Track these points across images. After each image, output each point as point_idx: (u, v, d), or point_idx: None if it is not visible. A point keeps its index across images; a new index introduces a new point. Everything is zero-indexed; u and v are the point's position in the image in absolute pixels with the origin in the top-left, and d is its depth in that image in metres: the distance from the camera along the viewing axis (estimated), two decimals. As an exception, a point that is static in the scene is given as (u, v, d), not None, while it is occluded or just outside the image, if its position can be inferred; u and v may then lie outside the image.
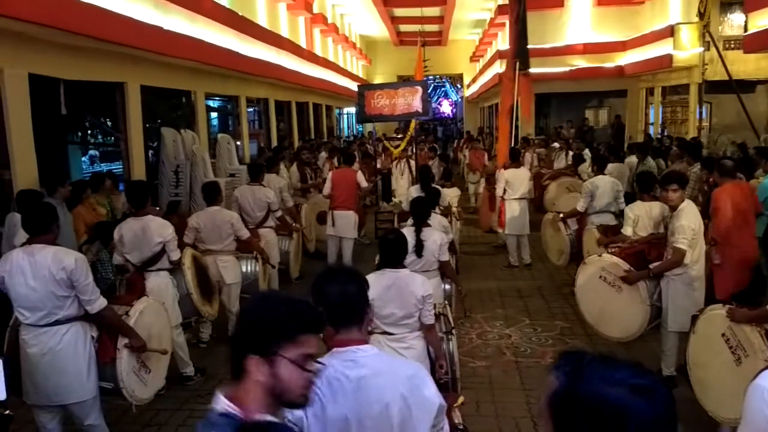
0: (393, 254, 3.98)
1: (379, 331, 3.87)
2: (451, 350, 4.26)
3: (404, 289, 3.82)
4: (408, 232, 4.92)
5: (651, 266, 5.25)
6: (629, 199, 7.21)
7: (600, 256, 5.78)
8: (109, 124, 11.38)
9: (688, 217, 5.03)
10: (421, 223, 5.17)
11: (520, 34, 11.19)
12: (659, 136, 15.61)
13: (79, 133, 12.89)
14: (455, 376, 4.26)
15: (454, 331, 4.49)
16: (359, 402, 2.05)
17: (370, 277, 3.82)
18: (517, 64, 11.00)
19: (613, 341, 5.79)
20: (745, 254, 6.00)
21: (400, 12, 24.10)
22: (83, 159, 13.23)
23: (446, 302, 5.09)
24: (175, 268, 5.47)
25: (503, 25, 21.34)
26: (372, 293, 3.80)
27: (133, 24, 7.26)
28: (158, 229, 5.23)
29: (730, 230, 5.87)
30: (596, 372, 1.25)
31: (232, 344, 1.69)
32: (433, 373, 3.94)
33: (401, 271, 3.90)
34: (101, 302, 3.90)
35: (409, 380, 2.12)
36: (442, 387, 4.02)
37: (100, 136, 13.75)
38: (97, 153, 14.38)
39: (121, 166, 9.40)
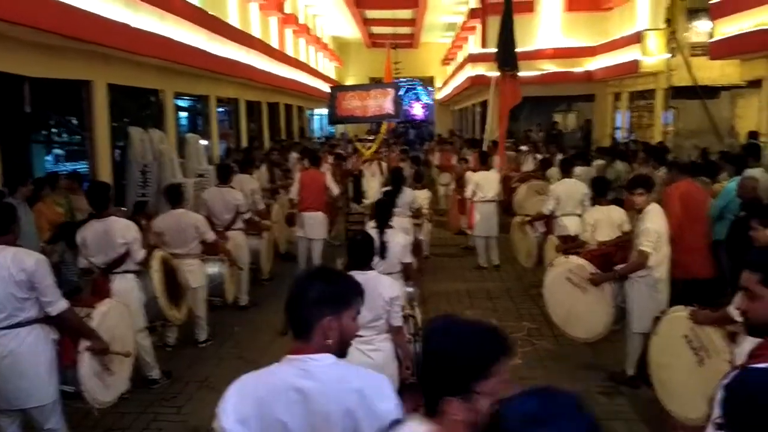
0: (361, 256, 3.98)
1: None
2: (418, 352, 4.26)
3: (372, 291, 3.80)
4: (371, 233, 4.92)
5: (616, 268, 5.34)
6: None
7: (567, 257, 5.86)
8: (74, 122, 11.17)
9: (653, 220, 5.12)
10: (383, 225, 5.15)
11: (502, 36, 11.36)
12: (626, 140, 15.86)
13: (44, 132, 12.63)
14: None
15: (422, 333, 4.50)
16: (300, 413, 1.99)
17: None
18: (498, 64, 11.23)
19: (578, 342, 5.88)
20: (697, 248, 6.18)
21: (372, 14, 24.15)
22: (47, 158, 12.96)
23: (415, 304, 5.10)
24: (143, 271, 5.39)
25: (475, 28, 21.53)
26: None
27: (100, 21, 7.15)
28: (121, 230, 5.14)
29: (683, 226, 6.04)
30: (515, 400, 1.30)
31: (423, 384, 1.64)
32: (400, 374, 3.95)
33: (369, 273, 3.89)
34: (62, 304, 3.82)
35: (359, 392, 2.00)
36: (408, 388, 4.03)
37: (65, 135, 13.48)
38: (62, 152, 14.09)
39: (86, 166, 9.24)
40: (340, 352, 2.08)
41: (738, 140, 12.28)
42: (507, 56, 11.30)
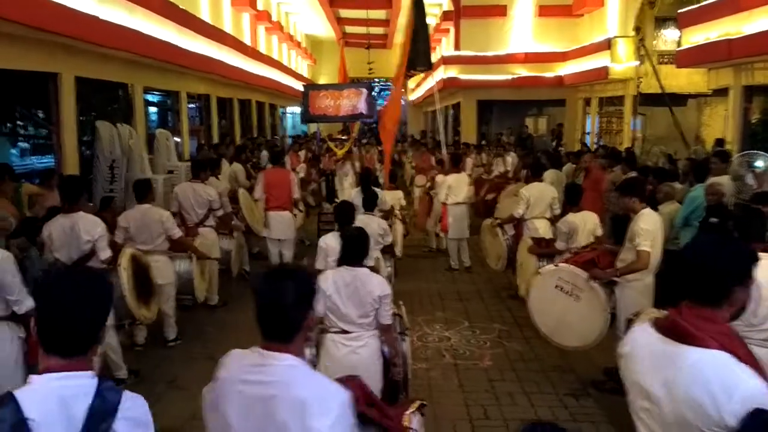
0: (354, 251, 3.96)
1: (335, 330, 3.90)
2: (404, 350, 4.28)
3: (361, 289, 3.84)
4: (333, 236, 4.92)
5: (618, 267, 5.23)
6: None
7: (556, 266, 5.73)
8: (41, 115, 10.91)
9: (647, 221, 5.06)
10: (345, 227, 5.13)
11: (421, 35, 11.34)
12: (595, 146, 16.06)
13: (9, 124, 12.33)
14: (407, 377, 4.28)
15: (408, 332, 4.50)
16: (242, 412, 2.05)
17: (329, 273, 3.90)
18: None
19: (550, 346, 5.90)
20: None
21: (345, 13, 24.08)
22: (12, 151, 12.67)
23: (401, 303, 5.08)
24: (112, 269, 5.28)
25: (448, 31, 21.62)
26: (330, 290, 3.78)
27: (68, 12, 7.00)
28: (87, 227, 5.04)
29: None
30: None
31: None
32: (387, 372, 3.95)
33: (360, 270, 3.89)
34: (29, 302, 3.72)
35: (301, 405, 1.98)
36: (395, 386, 4.05)
37: (31, 128, 13.18)
38: (28, 145, 13.78)
39: (53, 160, 9.03)
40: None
41: (704, 147, 12.53)
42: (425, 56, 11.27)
